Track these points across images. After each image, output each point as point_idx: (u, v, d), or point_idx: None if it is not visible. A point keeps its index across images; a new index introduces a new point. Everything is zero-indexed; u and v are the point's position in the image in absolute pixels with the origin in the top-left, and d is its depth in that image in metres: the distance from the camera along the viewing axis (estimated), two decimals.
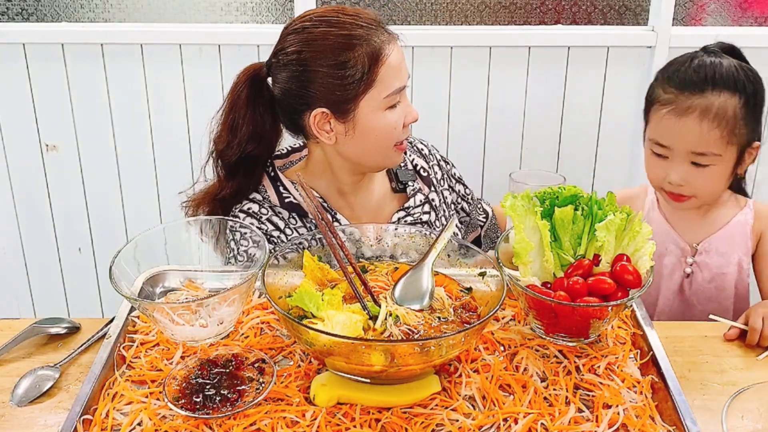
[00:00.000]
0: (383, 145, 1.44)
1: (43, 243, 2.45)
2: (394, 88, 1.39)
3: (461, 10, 2.27)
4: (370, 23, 1.39)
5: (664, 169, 1.49)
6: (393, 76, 1.39)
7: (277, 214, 1.49)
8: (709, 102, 1.42)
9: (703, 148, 1.44)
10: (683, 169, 1.47)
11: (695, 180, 1.47)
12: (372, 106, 1.39)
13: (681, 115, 1.44)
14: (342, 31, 1.36)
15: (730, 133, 1.43)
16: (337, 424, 1.01)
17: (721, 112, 1.42)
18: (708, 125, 1.42)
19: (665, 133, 1.47)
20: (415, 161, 1.62)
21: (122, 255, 1.17)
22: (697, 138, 1.43)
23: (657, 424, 1.03)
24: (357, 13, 1.40)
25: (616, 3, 2.27)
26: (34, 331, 1.24)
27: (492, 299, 1.14)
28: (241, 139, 1.46)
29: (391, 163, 1.49)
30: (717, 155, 1.44)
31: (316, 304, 1.08)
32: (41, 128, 2.30)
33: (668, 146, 1.47)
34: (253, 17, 2.26)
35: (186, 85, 2.25)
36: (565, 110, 2.32)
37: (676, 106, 1.45)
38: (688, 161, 1.46)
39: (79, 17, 2.25)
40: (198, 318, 1.12)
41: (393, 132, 1.43)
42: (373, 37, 1.38)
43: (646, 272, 1.15)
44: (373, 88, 1.38)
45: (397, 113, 1.42)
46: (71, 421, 1.00)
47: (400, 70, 1.40)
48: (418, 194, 1.58)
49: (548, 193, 1.21)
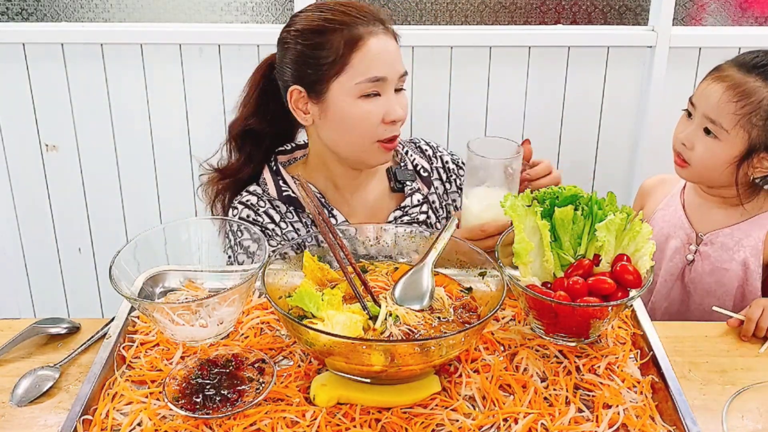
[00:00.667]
0: (358, 136, 1.44)
1: (43, 243, 2.45)
2: (368, 76, 1.39)
3: (461, 10, 2.27)
4: (363, 14, 1.41)
5: (683, 127, 1.56)
6: (368, 64, 1.39)
7: (275, 207, 1.51)
8: (744, 80, 1.48)
9: (716, 116, 1.48)
10: (695, 131, 1.52)
11: (697, 146, 1.52)
12: (343, 90, 1.40)
13: (716, 80, 1.50)
14: (328, 15, 1.41)
15: (745, 116, 1.46)
16: (337, 424, 1.01)
17: (748, 92, 1.46)
18: (729, 96, 1.47)
19: (698, 91, 1.54)
20: (416, 161, 1.62)
21: (122, 255, 1.17)
22: (715, 104, 1.48)
23: (657, 424, 1.03)
24: (355, 5, 1.42)
25: (616, 3, 2.27)
26: (34, 331, 1.24)
27: (492, 299, 1.14)
28: (247, 113, 1.55)
29: (374, 160, 1.48)
30: (724, 130, 1.48)
31: (316, 305, 1.08)
32: (41, 128, 2.30)
33: (694, 104, 1.53)
34: (253, 17, 2.26)
35: (186, 85, 2.25)
36: (565, 110, 2.32)
37: (720, 73, 1.51)
38: (702, 126, 1.51)
39: (79, 17, 2.25)
40: (198, 318, 1.12)
41: (365, 123, 1.42)
42: (358, 25, 1.39)
43: (646, 272, 1.15)
44: (345, 73, 1.39)
45: (374, 105, 1.41)
46: (71, 421, 1.00)
47: (381, 60, 1.40)
48: (416, 194, 1.58)
49: (548, 193, 1.21)
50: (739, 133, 1.47)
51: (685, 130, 1.54)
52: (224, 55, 2.22)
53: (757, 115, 1.45)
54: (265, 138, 1.57)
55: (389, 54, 1.42)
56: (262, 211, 1.50)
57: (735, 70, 1.50)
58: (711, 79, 1.52)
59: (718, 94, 1.48)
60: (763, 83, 1.46)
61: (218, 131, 2.28)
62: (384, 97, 1.42)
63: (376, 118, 1.42)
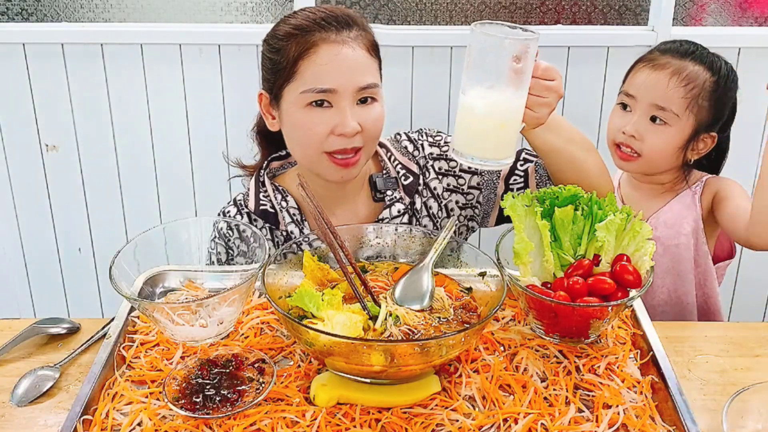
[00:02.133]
0: (305, 146, 1.39)
1: (43, 243, 2.45)
2: (313, 86, 1.34)
3: (461, 10, 2.27)
4: (327, 20, 1.36)
5: (623, 120, 1.60)
6: (315, 75, 1.34)
7: (252, 221, 1.50)
8: (684, 65, 1.55)
9: (665, 103, 1.54)
10: (641, 122, 1.57)
11: (647, 135, 1.56)
12: (292, 99, 1.37)
13: (655, 69, 1.56)
14: (293, 21, 1.38)
15: (693, 100, 1.53)
16: (337, 424, 1.01)
17: (692, 76, 1.54)
18: (676, 82, 1.53)
19: (635, 83, 1.59)
20: (400, 166, 1.53)
21: (122, 255, 1.17)
22: (662, 91, 1.54)
23: (657, 424, 1.03)
24: (325, 12, 1.38)
25: (616, 3, 2.27)
26: (34, 331, 1.24)
27: (492, 299, 1.14)
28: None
29: (326, 174, 1.41)
30: (675, 115, 1.54)
31: (316, 305, 1.08)
32: (41, 128, 2.30)
33: (634, 96, 1.58)
34: (253, 17, 2.26)
35: (186, 85, 2.25)
36: (565, 110, 2.32)
37: (654, 62, 1.57)
38: (648, 115, 1.56)
39: (79, 17, 2.25)
40: (198, 318, 1.12)
41: (311, 134, 1.36)
42: (314, 32, 1.35)
43: (646, 272, 1.15)
44: (294, 80, 1.36)
45: (320, 116, 1.35)
46: (71, 421, 1.00)
47: (330, 71, 1.34)
48: (396, 204, 1.50)
49: (548, 193, 1.21)
50: (688, 116, 1.54)
51: (626, 123, 1.58)
52: (224, 55, 2.21)
53: (702, 96, 1.53)
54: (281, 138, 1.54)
55: (342, 64, 1.34)
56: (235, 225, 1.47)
57: (669, 57, 1.56)
58: (647, 69, 1.57)
59: (665, 81, 1.53)
60: (700, 66, 1.55)
61: (218, 131, 2.29)
62: (335, 109, 1.35)
63: (322, 129, 1.36)
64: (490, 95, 1.14)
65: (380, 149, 1.55)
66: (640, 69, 1.59)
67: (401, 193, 1.52)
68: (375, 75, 1.40)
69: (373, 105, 1.39)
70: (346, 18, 1.38)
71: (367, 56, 1.38)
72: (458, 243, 1.25)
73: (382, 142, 1.57)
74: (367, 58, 1.38)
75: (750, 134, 2.27)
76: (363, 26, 1.41)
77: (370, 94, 1.38)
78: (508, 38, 1.09)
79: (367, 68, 1.38)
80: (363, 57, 1.37)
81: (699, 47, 1.59)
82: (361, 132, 1.37)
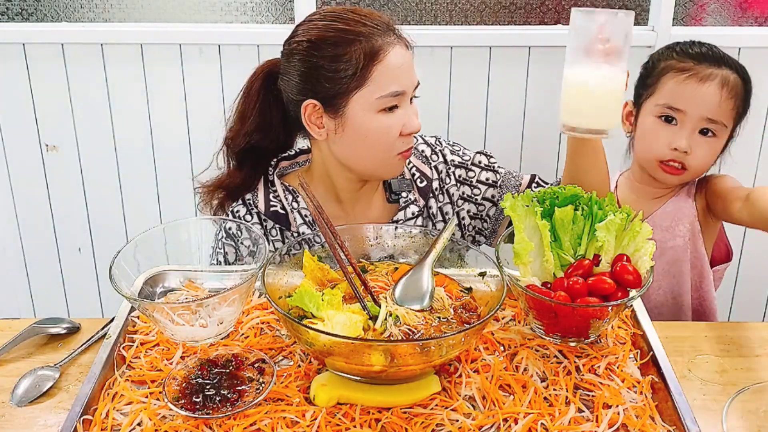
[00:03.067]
0: (376, 150, 1.40)
1: (43, 243, 2.45)
2: (389, 91, 1.36)
3: (461, 10, 2.27)
4: (377, 24, 1.37)
5: (670, 135, 1.53)
6: (390, 78, 1.36)
7: (261, 221, 1.49)
8: (726, 74, 1.51)
9: (718, 116, 1.51)
10: (690, 136, 1.52)
11: (698, 149, 1.53)
12: (363, 105, 1.36)
13: (703, 81, 1.51)
14: (342, 26, 1.36)
15: (737, 108, 1.52)
16: (337, 424, 1.01)
17: (736, 85, 1.51)
18: (727, 93, 1.50)
19: (683, 97, 1.52)
20: (415, 169, 1.55)
21: (122, 255, 1.17)
22: (716, 104, 1.50)
23: (657, 424, 1.03)
24: (367, 14, 1.38)
25: (616, 3, 2.27)
26: (34, 331, 1.24)
27: (492, 299, 1.14)
28: (248, 129, 1.47)
29: (391, 173, 1.46)
30: (724, 126, 1.52)
31: (316, 305, 1.08)
32: (41, 128, 2.30)
33: (683, 110, 1.51)
34: (253, 17, 2.26)
35: (186, 85, 2.25)
36: None
37: (698, 73, 1.52)
38: (698, 129, 1.52)
39: (79, 17, 2.25)
40: (198, 318, 1.12)
41: (385, 138, 1.38)
42: (375, 36, 1.35)
43: (646, 272, 1.15)
44: (366, 87, 1.35)
45: (393, 119, 1.38)
46: (71, 421, 1.00)
47: (400, 74, 1.37)
48: (411, 206, 1.51)
49: (548, 193, 1.21)
50: (731, 124, 1.53)
51: (676, 138, 1.52)
52: (224, 55, 2.21)
53: (741, 103, 1.53)
54: (268, 153, 1.53)
55: (408, 66, 1.39)
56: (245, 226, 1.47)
57: (706, 65, 1.52)
58: (692, 80, 1.51)
59: (717, 94, 1.50)
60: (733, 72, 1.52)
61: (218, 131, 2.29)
62: (402, 110, 1.39)
63: (396, 131, 1.39)
64: (602, 68, 1.23)
65: None
66: (683, 82, 1.51)
67: (416, 195, 1.53)
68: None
69: (415, 102, 1.44)
70: (387, 21, 1.40)
71: (412, 56, 1.43)
72: (460, 245, 1.25)
73: None
74: (411, 56, 1.43)
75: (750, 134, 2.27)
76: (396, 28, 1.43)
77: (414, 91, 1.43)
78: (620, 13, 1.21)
79: (413, 66, 1.43)
80: (412, 57, 1.42)
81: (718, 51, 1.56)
82: None
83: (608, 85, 1.25)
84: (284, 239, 1.49)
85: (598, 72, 1.24)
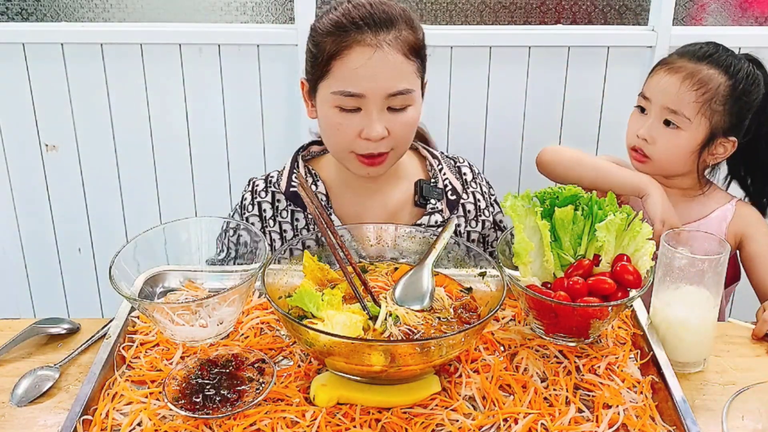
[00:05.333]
0: (330, 141, 1.43)
1: (43, 243, 2.44)
2: (342, 89, 1.34)
3: (461, 10, 2.27)
4: (365, 21, 1.33)
5: (639, 123, 1.59)
6: (346, 77, 1.34)
7: (274, 200, 1.50)
8: (698, 68, 1.53)
9: (676, 106, 1.53)
10: (654, 125, 1.56)
11: (659, 138, 1.56)
12: (324, 95, 1.38)
13: (670, 73, 1.55)
14: (332, 16, 1.37)
15: (705, 103, 1.52)
16: (337, 424, 1.01)
17: (704, 79, 1.52)
18: (688, 86, 1.52)
19: (651, 86, 1.58)
20: (448, 182, 1.54)
21: (122, 255, 1.17)
22: (674, 94, 1.53)
23: (657, 424, 1.03)
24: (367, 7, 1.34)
25: (616, 3, 2.27)
26: (34, 331, 1.24)
27: (492, 299, 1.14)
28: None
29: (354, 169, 1.43)
30: (686, 119, 1.53)
31: (315, 305, 1.08)
32: (41, 128, 2.30)
33: (649, 98, 1.58)
34: (253, 17, 2.26)
35: (186, 85, 2.25)
36: (565, 110, 2.31)
37: (670, 66, 1.56)
38: (662, 119, 1.56)
39: (78, 17, 2.25)
40: (198, 318, 1.12)
41: (339, 134, 1.38)
42: (351, 31, 1.33)
43: (647, 272, 1.15)
44: (327, 79, 1.36)
45: (349, 119, 1.36)
46: (71, 421, 1.00)
47: (357, 75, 1.33)
48: (436, 215, 1.50)
49: (548, 193, 1.21)
50: (701, 120, 1.52)
51: (642, 126, 1.58)
52: (224, 55, 2.21)
53: (715, 100, 1.52)
54: None
55: (374, 68, 1.32)
56: (257, 201, 1.50)
57: (686, 60, 1.55)
58: (663, 71, 1.56)
59: (677, 85, 1.53)
60: (715, 70, 1.53)
61: (218, 131, 2.29)
62: (364, 113, 1.35)
63: (350, 131, 1.37)
64: (697, 305, 1.17)
65: (432, 159, 1.56)
66: (656, 72, 1.58)
67: (444, 205, 1.52)
68: (410, 80, 1.37)
69: (404, 111, 1.38)
70: (385, 17, 1.34)
71: (403, 60, 1.35)
72: (458, 244, 1.25)
73: (435, 153, 1.58)
74: (402, 62, 1.35)
75: None
76: (405, 25, 1.37)
77: (401, 100, 1.36)
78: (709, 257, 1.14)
79: (400, 73, 1.35)
80: (397, 62, 1.34)
81: (720, 49, 1.56)
82: (389, 136, 1.37)
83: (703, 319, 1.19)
84: (293, 221, 1.49)
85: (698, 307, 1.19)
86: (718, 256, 1.13)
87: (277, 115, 2.26)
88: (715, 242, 1.17)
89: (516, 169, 2.36)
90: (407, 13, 1.39)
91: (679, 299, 1.17)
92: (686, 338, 1.17)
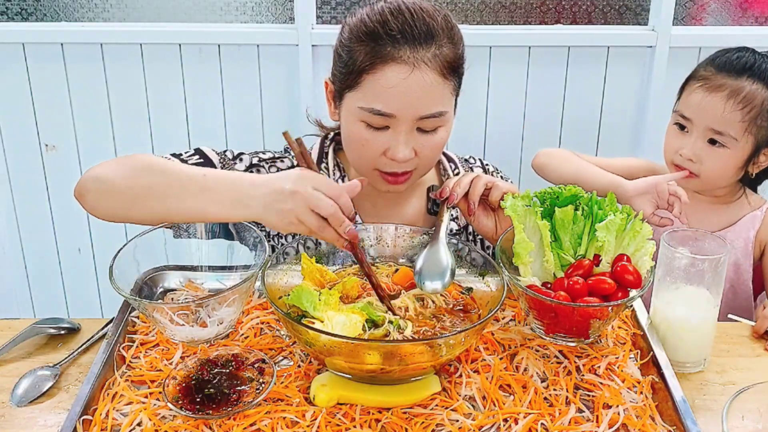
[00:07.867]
0: (353, 154, 1.34)
1: (42, 243, 2.45)
2: (373, 108, 1.25)
3: (461, 10, 2.27)
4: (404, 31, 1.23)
5: (680, 141, 1.55)
6: (377, 95, 1.24)
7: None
8: (740, 85, 1.48)
9: (722, 127, 1.48)
10: (698, 144, 1.52)
11: (706, 158, 1.52)
12: (350, 106, 1.29)
13: (710, 91, 1.49)
14: (371, 18, 1.26)
15: (751, 121, 1.47)
16: (337, 424, 1.01)
17: (749, 97, 1.47)
18: (733, 105, 1.47)
19: (691, 106, 1.52)
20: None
21: (122, 255, 1.17)
22: (719, 115, 1.48)
23: (657, 424, 1.03)
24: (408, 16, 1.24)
25: (616, 3, 2.27)
26: (34, 331, 1.24)
27: (492, 299, 1.14)
28: None
29: (377, 185, 1.35)
30: (733, 138, 1.49)
31: (312, 303, 1.08)
32: (41, 128, 2.30)
33: (690, 119, 1.52)
34: (253, 17, 2.26)
35: (186, 84, 2.25)
36: (565, 110, 2.32)
37: (709, 83, 1.50)
38: (705, 138, 1.51)
39: (78, 17, 2.25)
40: (198, 318, 1.12)
41: (363, 150, 1.30)
42: (387, 45, 1.23)
43: (647, 272, 1.15)
44: (356, 90, 1.27)
45: (375, 136, 1.27)
46: (71, 422, 1.00)
47: (392, 96, 1.23)
48: (451, 222, 1.44)
49: (548, 193, 1.21)
50: (747, 138, 1.49)
51: (684, 145, 1.53)
52: (224, 54, 2.21)
53: (761, 116, 1.48)
54: None
55: (408, 89, 1.23)
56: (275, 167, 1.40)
57: (725, 76, 1.49)
58: (702, 90, 1.50)
59: (721, 106, 1.47)
60: (759, 84, 1.48)
61: (218, 131, 2.29)
62: (392, 132, 1.27)
63: (376, 148, 1.28)
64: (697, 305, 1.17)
65: (447, 163, 1.50)
66: (694, 90, 1.52)
67: (458, 212, 1.45)
68: (444, 101, 1.28)
69: (434, 132, 1.30)
70: (426, 30, 1.24)
71: (439, 80, 1.25)
72: (458, 243, 1.25)
73: (450, 156, 1.53)
74: (438, 83, 1.25)
75: None
76: (447, 39, 1.27)
77: (432, 123, 1.28)
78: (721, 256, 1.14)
79: (435, 95, 1.26)
80: (433, 82, 1.24)
81: (757, 58, 1.50)
82: (416, 157, 1.30)
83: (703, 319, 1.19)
84: None
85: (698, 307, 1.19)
86: (719, 256, 1.13)
87: (276, 115, 2.26)
88: (715, 242, 1.17)
89: (516, 169, 2.36)
90: (449, 22, 1.30)
91: (679, 299, 1.17)
92: (686, 338, 1.17)
